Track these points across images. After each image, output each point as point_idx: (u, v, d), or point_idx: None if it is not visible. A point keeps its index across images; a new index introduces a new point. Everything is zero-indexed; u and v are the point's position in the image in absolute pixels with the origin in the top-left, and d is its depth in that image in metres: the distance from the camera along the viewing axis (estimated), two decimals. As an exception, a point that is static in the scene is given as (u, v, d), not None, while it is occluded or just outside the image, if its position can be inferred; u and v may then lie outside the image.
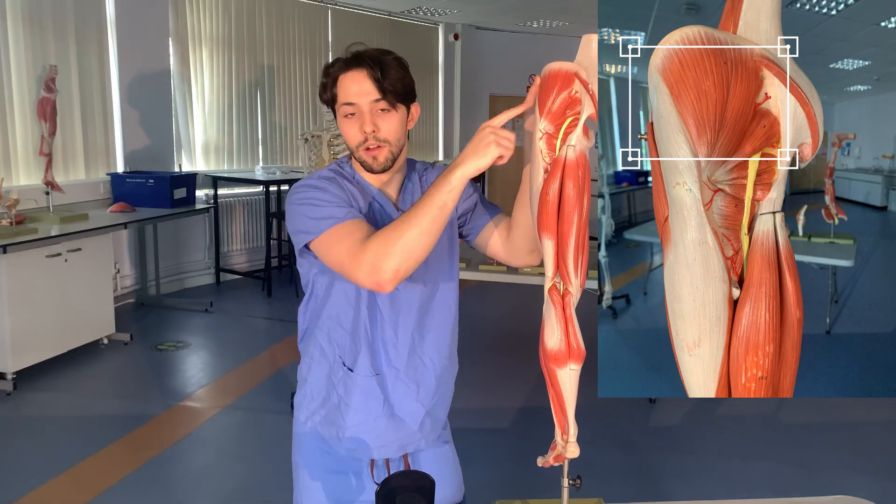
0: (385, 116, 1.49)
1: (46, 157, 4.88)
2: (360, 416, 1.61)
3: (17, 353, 4.26)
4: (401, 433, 1.64)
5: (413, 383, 1.62)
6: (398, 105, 1.50)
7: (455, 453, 1.79)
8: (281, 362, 4.80)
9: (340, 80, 1.49)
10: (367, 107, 1.47)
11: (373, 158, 1.50)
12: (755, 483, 3.28)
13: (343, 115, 1.49)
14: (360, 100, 1.47)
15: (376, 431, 1.62)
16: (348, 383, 1.61)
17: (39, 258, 4.37)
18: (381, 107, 1.48)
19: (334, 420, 1.65)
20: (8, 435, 3.67)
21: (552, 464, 1.40)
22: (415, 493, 1.43)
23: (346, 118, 1.49)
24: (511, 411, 3.99)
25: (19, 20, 5.19)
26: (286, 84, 7.61)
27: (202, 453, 3.55)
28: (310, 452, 1.74)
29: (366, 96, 1.47)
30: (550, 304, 1.28)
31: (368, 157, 1.50)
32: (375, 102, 1.47)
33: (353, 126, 1.49)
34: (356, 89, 1.47)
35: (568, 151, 1.20)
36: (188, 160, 6.82)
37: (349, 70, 1.48)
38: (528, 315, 5.90)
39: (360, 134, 1.49)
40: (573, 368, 1.28)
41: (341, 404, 1.63)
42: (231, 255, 7.16)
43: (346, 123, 1.50)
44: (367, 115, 1.48)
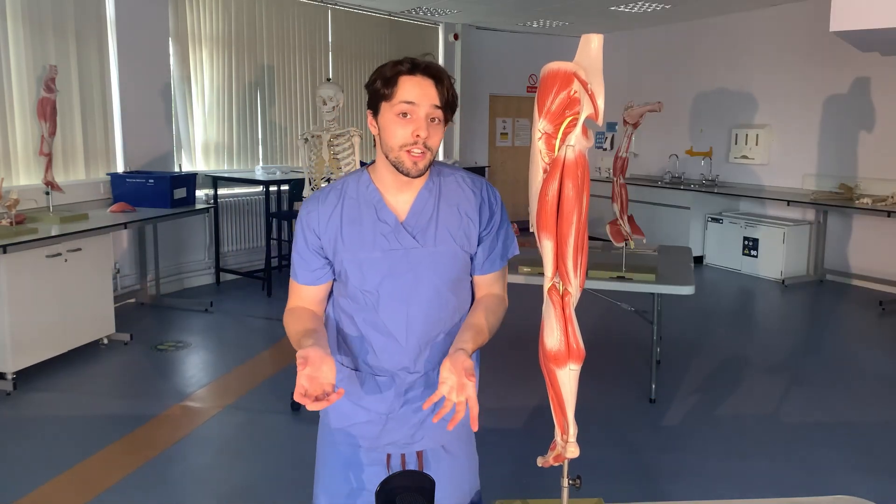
0: (435, 127, 1.52)
1: (46, 157, 4.88)
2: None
3: (17, 353, 4.26)
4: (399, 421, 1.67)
5: (421, 385, 1.67)
6: (445, 122, 1.55)
7: (472, 457, 1.79)
8: (281, 362, 4.80)
9: (403, 80, 1.50)
10: (425, 112, 1.50)
11: (413, 164, 1.52)
12: (755, 483, 3.28)
13: (395, 114, 1.50)
14: (422, 102, 1.49)
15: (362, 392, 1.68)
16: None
17: (39, 258, 4.37)
18: (436, 116, 1.51)
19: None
20: (8, 435, 3.67)
21: (552, 464, 1.40)
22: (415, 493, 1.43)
23: (399, 117, 1.50)
24: (511, 411, 3.99)
25: (19, 20, 5.19)
26: (286, 84, 7.61)
27: (202, 453, 3.55)
28: (326, 445, 1.77)
29: (428, 101, 1.49)
30: (550, 305, 1.28)
31: (410, 160, 1.51)
32: (434, 109, 1.50)
33: (404, 126, 1.50)
34: (419, 92, 1.49)
35: (567, 151, 1.20)
36: (188, 160, 6.82)
37: (416, 74, 1.50)
38: (528, 315, 5.90)
39: (410, 136, 1.50)
40: (573, 368, 1.28)
41: None
42: (231, 255, 7.16)
43: (397, 122, 1.50)
44: (424, 121, 1.50)
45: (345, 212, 1.60)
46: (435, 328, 1.63)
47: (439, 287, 1.61)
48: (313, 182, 3.97)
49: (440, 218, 1.60)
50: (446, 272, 1.61)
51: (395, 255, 1.58)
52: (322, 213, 1.61)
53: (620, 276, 3.95)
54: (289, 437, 3.70)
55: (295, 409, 3.99)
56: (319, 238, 1.61)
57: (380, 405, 1.66)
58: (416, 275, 1.59)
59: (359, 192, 1.61)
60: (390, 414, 1.66)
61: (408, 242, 1.58)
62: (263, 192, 7.03)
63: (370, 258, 1.58)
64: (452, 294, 1.63)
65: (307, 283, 1.65)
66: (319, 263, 1.63)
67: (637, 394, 4.28)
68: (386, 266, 1.58)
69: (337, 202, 1.61)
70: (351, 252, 1.59)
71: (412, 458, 1.70)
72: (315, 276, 1.64)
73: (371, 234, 1.58)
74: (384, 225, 1.58)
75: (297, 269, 1.65)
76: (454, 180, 1.65)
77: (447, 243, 1.60)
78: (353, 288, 1.61)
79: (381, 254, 1.58)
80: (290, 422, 3.87)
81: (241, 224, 7.24)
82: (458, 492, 1.72)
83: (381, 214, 1.59)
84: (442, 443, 1.71)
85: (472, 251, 1.64)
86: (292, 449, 3.56)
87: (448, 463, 1.71)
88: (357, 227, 1.59)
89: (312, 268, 1.63)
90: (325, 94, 3.91)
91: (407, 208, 1.60)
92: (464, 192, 1.63)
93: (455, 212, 1.61)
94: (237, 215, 7.19)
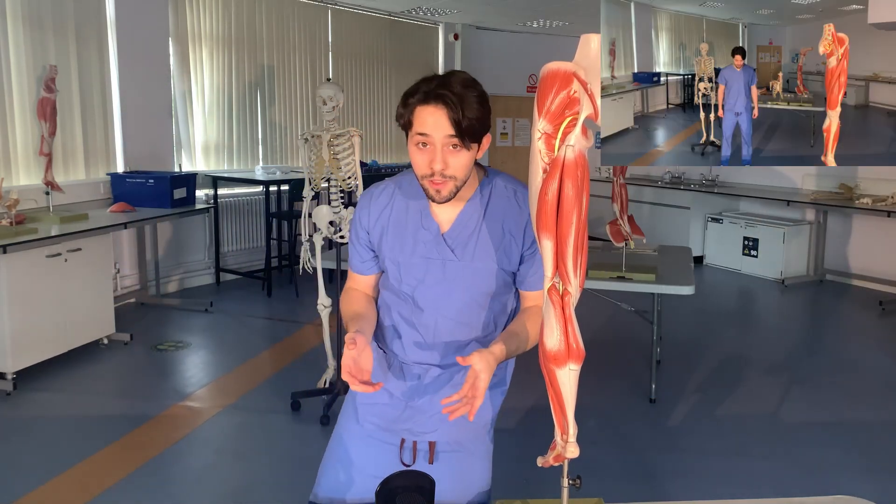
0: (456, 153, 1.50)
1: (46, 157, 4.88)
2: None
3: (17, 353, 4.26)
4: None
5: (446, 382, 1.69)
6: (471, 142, 1.50)
7: (487, 458, 1.81)
8: (281, 362, 4.80)
9: (418, 111, 1.48)
10: (441, 141, 1.48)
11: (436, 192, 1.53)
12: (755, 483, 3.27)
13: (414, 144, 1.51)
14: (436, 133, 1.47)
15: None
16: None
17: (39, 258, 4.37)
18: (454, 143, 1.48)
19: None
20: (8, 435, 3.67)
21: (552, 464, 1.40)
22: (415, 493, 1.43)
23: (417, 147, 1.51)
24: (511, 411, 3.98)
25: (19, 20, 5.19)
26: (286, 84, 7.61)
27: (202, 453, 3.55)
28: (348, 419, 1.80)
29: (441, 131, 1.47)
30: (550, 305, 1.28)
31: (432, 189, 1.53)
32: (449, 138, 1.48)
33: (423, 156, 1.51)
34: (432, 122, 1.47)
35: (567, 151, 1.19)
36: (188, 160, 6.81)
37: (428, 104, 1.47)
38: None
39: (427, 168, 1.50)
40: (572, 368, 1.28)
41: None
42: (231, 255, 7.16)
43: (417, 152, 1.51)
44: (439, 152, 1.48)
45: (393, 213, 1.65)
46: (465, 335, 1.66)
47: (471, 300, 1.64)
48: (313, 182, 3.97)
49: (482, 234, 1.61)
50: (480, 287, 1.63)
51: (433, 264, 1.62)
52: (373, 211, 1.68)
53: (620, 276, 3.95)
54: (289, 437, 3.70)
55: (295, 409, 3.99)
56: (368, 234, 1.69)
57: (402, 390, 1.70)
58: (450, 286, 1.62)
59: (410, 195, 1.65)
60: (410, 402, 1.69)
61: (446, 254, 1.61)
62: (263, 192, 7.03)
63: (409, 262, 1.63)
64: (485, 307, 1.65)
65: (359, 271, 1.76)
66: (369, 255, 1.72)
67: (637, 394, 4.28)
68: (422, 272, 1.63)
69: (388, 202, 1.67)
70: (392, 253, 1.65)
71: (424, 446, 1.71)
72: (365, 267, 1.74)
73: (412, 239, 1.62)
74: (426, 233, 1.62)
75: (351, 258, 1.76)
76: (506, 193, 1.63)
77: (485, 260, 1.61)
78: (393, 283, 1.68)
79: (420, 260, 1.62)
80: (290, 422, 3.87)
81: (241, 224, 7.24)
82: (465, 488, 1.73)
83: (424, 222, 1.62)
84: (458, 438, 1.72)
85: (512, 269, 1.63)
86: (292, 449, 3.56)
87: (460, 458, 1.72)
88: (401, 230, 1.64)
89: (364, 259, 1.73)
90: (325, 94, 3.91)
91: (451, 219, 1.62)
92: (513, 207, 1.62)
93: (499, 228, 1.61)
94: (237, 215, 7.18)
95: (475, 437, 1.75)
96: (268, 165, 7.39)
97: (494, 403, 1.76)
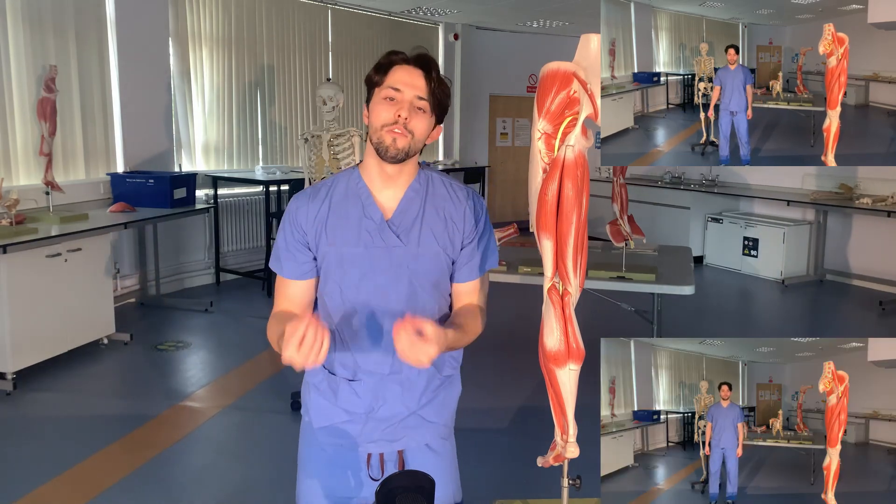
0: (419, 115, 1.56)
1: (46, 157, 4.88)
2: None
3: (17, 353, 4.26)
4: (384, 426, 1.67)
5: (397, 385, 1.65)
6: (432, 114, 1.59)
7: (454, 457, 1.79)
8: (281, 362, 4.79)
9: (395, 69, 1.56)
10: (410, 100, 1.54)
11: (392, 140, 1.54)
12: (755, 483, 3.27)
13: (382, 98, 1.55)
14: (407, 90, 1.54)
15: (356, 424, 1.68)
16: (331, 381, 1.69)
17: (39, 258, 4.37)
18: (421, 106, 1.55)
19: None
20: (8, 435, 3.67)
21: (552, 464, 1.40)
22: (415, 493, 1.43)
23: (384, 101, 1.55)
24: (511, 411, 3.98)
25: (19, 20, 5.19)
26: (286, 84, 7.61)
27: (202, 453, 3.55)
28: (308, 445, 1.77)
29: (414, 90, 1.54)
30: (550, 305, 1.28)
31: (389, 138, 1.54)
32: (419, 100, 1.54)
33: (387, 108, 1.55)
34: (407, 80, 1.54)
35: (567, 151, 1.20)
36: (188, 160, 6.81)
37: (408, 64, 1.56)
38: (527, 315, 5.90)
39: (391, 116, 1.54)
40: (572, 368, 1.28)
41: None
42: (231, 255, 7.16)
43: (381, 105, 1.55)
44: (407, 104, 1.54)
45: (332, 207, 1.61)
46: None
47: (418, 288, 1.61)
48: (313, 182, 3.97)
49: (425, 219, 1.61)
50: (426, 274, 1.61)
51: (377, 253, 1.59)
52: (310, 210, 1.62)
53: (620, 276, 3.95)
54: (289, 437, 3.69)
55: (295, 409, 3.99)
56: (305, 234, 1.62)
57: (357, 406, 1.66)
58: (396, 274, 1.59)
59: (348, 188, 1.63)
60: (370, 413, 1.66)
61: (391, 241, 1.59)
62: (263, 192, 7.03)
63: (352, 253, 1.59)
64: (431, 297, 1.63)
65: (294, 276, 1.64)
66: (307, 257, 1.63)
67: (637, 394, 4.27)
68: (367, 263, 1.59)
69: (325, 198, 1.63)
70: (334, 246, 1.60)
71: (392, 457, 1.69)
72: (303, 271, 1.63)
73: (356, 229, 1.59)
74: (369, 221, 1.60)
75: (284, 263, 1.64)
76: (442, 184, 1.67)
77: (430, 245, 1.60)
78: (333, 284, 1.62)
79: (364, 250, 1.59)
80: (290, 422, 3.87)
81: (241, 224, 7.24)
82: (443, 491, 1.71)
83: (367, 210, 1.60)
84: (425, 441, 1.70)
85: (454, 256, 1.64)
86: (292, 449, 3.55)
87: (433, 461, 1.70)
88: (343, 222, 1.60)
89: (300, 261, 1.63)
90: (325, 94, 3.91)
91: (394, 206, 1.61)
92: (450, 196, 1.65)
93: (441, 214, 1.62)
94: (237, 215, 7.19)
95: (440, 436, 1.73)
96: (268, 165, 7.39)
97: (450, 404, 1.74)
